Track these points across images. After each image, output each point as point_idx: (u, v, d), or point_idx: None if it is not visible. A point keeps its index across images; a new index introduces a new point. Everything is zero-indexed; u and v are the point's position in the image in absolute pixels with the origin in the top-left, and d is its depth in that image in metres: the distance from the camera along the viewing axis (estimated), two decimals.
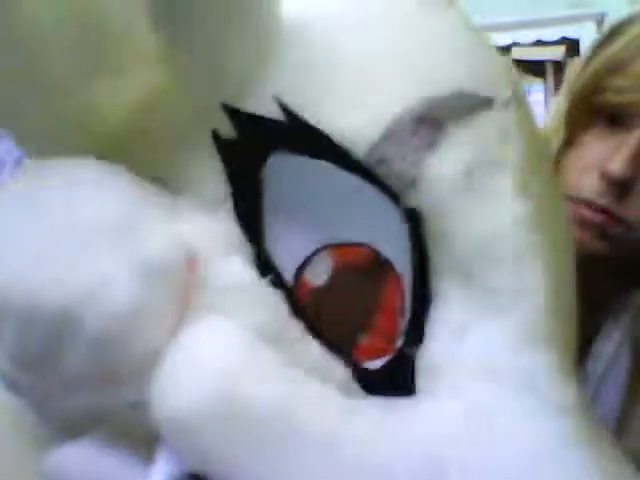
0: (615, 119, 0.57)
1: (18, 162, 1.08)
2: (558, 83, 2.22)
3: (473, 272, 0.29)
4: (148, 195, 0.29)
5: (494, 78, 0.32)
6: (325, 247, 0.30)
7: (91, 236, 0.27)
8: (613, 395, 0.58)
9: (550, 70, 2.26)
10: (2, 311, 0.26)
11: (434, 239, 0.29)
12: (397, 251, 0.29)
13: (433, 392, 0.29)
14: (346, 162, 0.28)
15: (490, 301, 0.29)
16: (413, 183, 0.28)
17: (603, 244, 0.56)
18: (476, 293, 0.29)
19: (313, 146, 0.29)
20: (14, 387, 0.28)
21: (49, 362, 0.26)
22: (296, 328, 0.29)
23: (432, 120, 0.29)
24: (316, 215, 0.29)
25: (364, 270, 0.29)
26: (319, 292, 0.30)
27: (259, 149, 0.29)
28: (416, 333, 0.29)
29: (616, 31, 0.59)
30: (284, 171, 0.29)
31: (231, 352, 0.27)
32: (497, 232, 0.29)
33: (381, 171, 0.28)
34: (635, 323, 0.60)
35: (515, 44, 2.27)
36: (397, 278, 0.29)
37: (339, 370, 0.29)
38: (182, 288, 0.27)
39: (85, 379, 0.26)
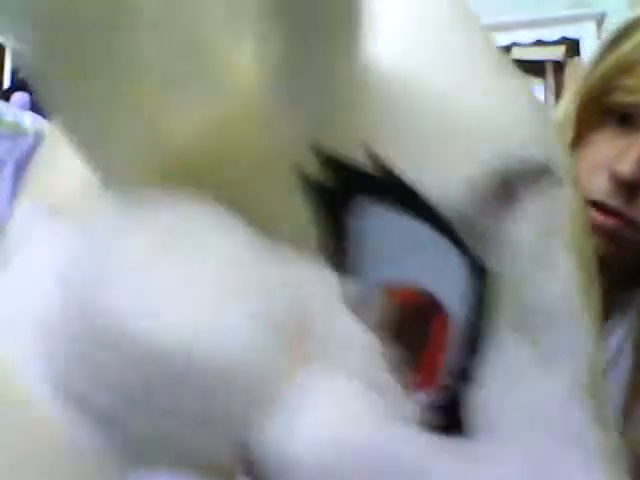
0: (625, 119, 0.57)
1: (18, 162, 1.07)
2: (558, 83, 2.22)
3: (529, 328, 0.31)
4: (258, 238, 0.28)
5: (556, 148, 0.34)
6: (382, 286, 0.30)
7: (214, 281, 0.27)
8: (616, 390, 0.58)
9: (550, 70, 2.26)
10: (113, 342, 0.26)
11: (499, 295, 0.30)
12: (452, 296, 0.30)
13: (484, 436, 0.30)
14: (424, 213, 0.30)
15: (543, 356, 0.31)
16: (488, 243, 0.30)
17: (612, 247, 0.55)
18: (530, 347, 0.31)
19: (395, 195, 0.30)
20: (92, 412, 0.27)
21: (154, 398, 0.26)
22: (387, 371, 0.29)
23: (508, 184, 0.31)
24: (380, 255, 0.30)
25: (414, 309, 0.30)
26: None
27: (344, 193, 0.30)
28: (463, 375, 0.30)
29: (626, 32, 0.59)
30: (363, 215, 0.30)
31: (343, 402, 0.27)
32: (557, 296, 0.32)
33: (457, 226, 0.30)
34: (637, 321, 0.60)
35: (515, 44, 2.26)
36: (446, 320, 0.30)
37: (413, 409, 0.30)
38: (297, 338, 0.27)
39: (187, 416, 0.26)
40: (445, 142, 0.31)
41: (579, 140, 0.60)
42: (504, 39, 2.25)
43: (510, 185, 0.31)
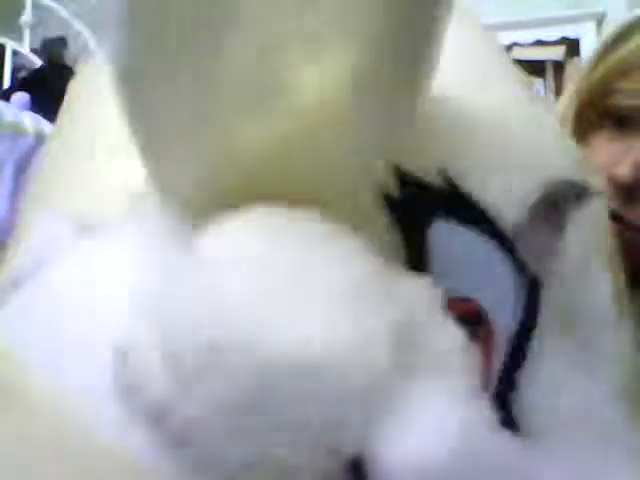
0: (623, 122, 0.57)
1: (18, 162, 1.08)
2: (558, 83, 2.22)
3: (574, 334, 0.33)
4: (366, 250, 0.28)
5: (588, 166, 0.37)
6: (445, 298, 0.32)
7: (347, 295, 0.27)
8: None
9: (550, 70, 2.26)
10: (242, 364, 0.25)
11: (547, 304, 0.32)
12: (503, 304, 0.32)
13: (539, 437, 0.31)
14: (485, 228, 0.32)
15: (586, 360, 0.33)
16: (539, 256, 0.32)
17: None
18: (574, 352, 0.33)
19: (462, 211, 0.32)
20: (185, 438, 0.26)
21: (270, 412, 0.26)
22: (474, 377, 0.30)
23: (557, 203, 0.33)
24: (444, 269, 0.31)
25: (463, 318, 0.31)
26: None
27: (416, 209, 0.31)
28: (511, 380, 0.32)
29: (624, 34, 0.59)
30: (432, 230, 0.32)
31: (449, 412, 0.28)
32: (598, 304, 0.35)
33: (512, 241, 0.32)
34: (635, 320, 0.61)
35: (515, 44, 2.27)
36: (496, 327, 0.32)
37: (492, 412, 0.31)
38: (408, 351, 0.28)
39: (305, 429, 0.26)
40: (502, 164, 0.33)
41: (577, 142, 0.59)
42: (504, 39, 2.25)
43: (558, 204, 0.33)
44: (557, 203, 0.33)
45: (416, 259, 0.31)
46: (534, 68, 2.24)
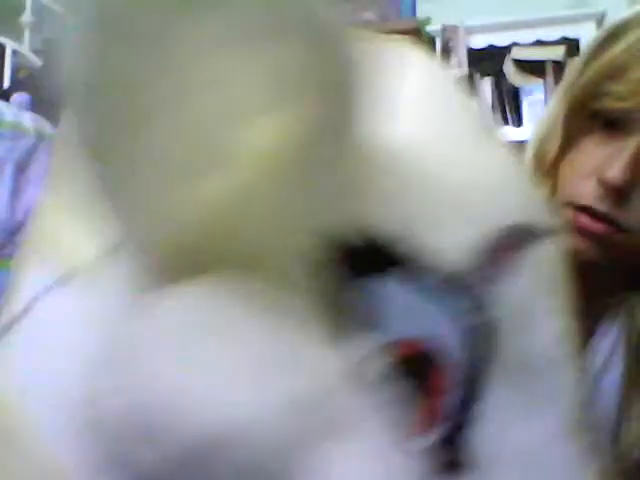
0: (613, 124, 0.57)
1: (18, 162, 1.08)
2: (558, 83, 2.22)
3: (521, 374, 0.34)
4: (281, 315, 0.29)
5: (543, 211, 0.37)
6: (387, 343, 0.31)
7: (243, 362, 0.28)
8: (612, 384, 0.59)
9: (550, 70, 2.26)
10: (148, 423, 0.26)
11: (495, 346, 0.33)
12: (452, 347, 0.32)
13: (483, 476, 0.32)
14: (428, 277, 0.32)
15: (533, 399, 0.34)
16: (485, 300, 0.33)
17: (603, 251, 0.56)
18: (522, 391, 0.34)
19: (401, 263, 0.32)
20: None
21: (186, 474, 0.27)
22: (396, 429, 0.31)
23: (500, 248, 0.33)
24: (386, 318, 0.32)
25: (414, 360, 0.32)
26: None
27: (352, 267, 0.31)
28: (461, 418, 0.32)
29: (615, 34, 0.59)
30: (369, 285, 0.32)
31: (365, 467, 0.29)
32: (545, 345, 0.35)
33: (458, 287, 0.32)
34: (629, 320, 0.61)
35: (515, 44, 2.27)
36: (444, 368, 0.32)
37: (422, 456, 0.32)
38: (321, 412, 0.28)
39: None
40: (456, 214, 0.33)
41: (568, 145, 0.60)
42: (504, 39, 2.25)
43: (502, 249, 0.34)
44: (509, 248, 0.34)
45: (364, 312, 0.31)
46: (534, 68, 2.25)
